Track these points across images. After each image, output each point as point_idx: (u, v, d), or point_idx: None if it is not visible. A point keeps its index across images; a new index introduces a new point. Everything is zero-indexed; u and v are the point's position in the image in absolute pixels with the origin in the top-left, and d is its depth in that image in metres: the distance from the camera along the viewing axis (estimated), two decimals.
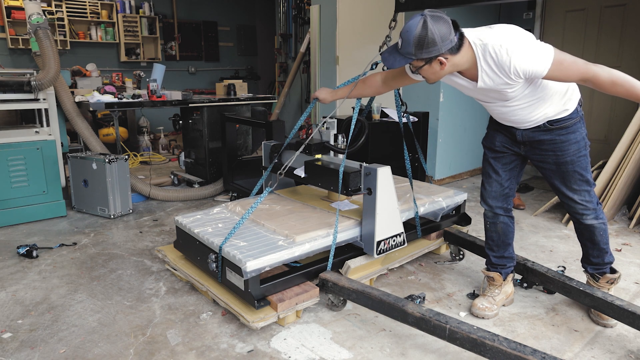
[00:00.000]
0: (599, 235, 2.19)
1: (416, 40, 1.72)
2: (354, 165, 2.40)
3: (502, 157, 2.22)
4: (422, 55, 1.75)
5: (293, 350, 1.98)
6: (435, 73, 1.84)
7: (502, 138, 2.18)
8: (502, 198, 2.26)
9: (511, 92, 1.88)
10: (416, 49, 1.74)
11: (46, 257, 2.96)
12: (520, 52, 1.73)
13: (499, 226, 2.29)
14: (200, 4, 8.79)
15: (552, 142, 2.04)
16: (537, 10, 5.08)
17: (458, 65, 1.83)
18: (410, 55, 1.77)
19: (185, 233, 2.51)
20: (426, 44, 1.72)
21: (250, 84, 8.09)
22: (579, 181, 2.08)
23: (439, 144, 4.73)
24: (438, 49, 1.73)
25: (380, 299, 2.05)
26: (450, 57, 1.78)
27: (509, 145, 2.18)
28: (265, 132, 3.73)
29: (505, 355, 1.69)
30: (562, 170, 2.08)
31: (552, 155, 2.07)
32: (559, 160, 2.06)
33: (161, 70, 4.93)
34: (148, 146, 6.47)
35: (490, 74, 1.81)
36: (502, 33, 1.79)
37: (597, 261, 2.26)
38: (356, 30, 5.41)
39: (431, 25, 1.70)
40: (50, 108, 3.84)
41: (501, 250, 2.33)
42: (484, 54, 1.78)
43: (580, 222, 2.18)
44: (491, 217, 2.30)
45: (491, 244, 2.34)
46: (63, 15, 7.06)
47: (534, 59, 1.73)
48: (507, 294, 2.34)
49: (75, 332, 2.12)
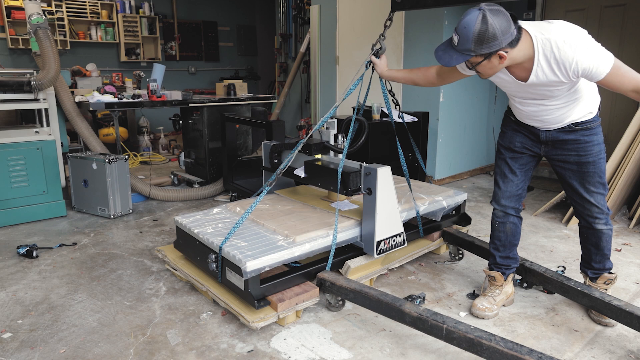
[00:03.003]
0: (605, 242, 2.18)
1: (476, 36, 1.68)
2: (353, 165, 2.40)
3: (520, 158, 2.21)
4: (482, 50, 1.71)
5: (293, 350, 1.98)
6: (493, 68, 1.81)
7: (522, 138, 2.17)
8: (515, 198, 2.26)
9: (557, 91, 1.85)
10: (476, 45, 1.70)
11: (46, 257, 2.96)
12: (585, 50, 1.70)
13: (508, 226, 2.28)
14: (200, 4, 8.79)
15: (575, 142, 2.03)
16: (537, 10, 5.08)
17: (515, 59, 1.79)
18: (469, 52, 1.73)
19: (185, 233, 2.51)
20: (487, 38, 1.67)
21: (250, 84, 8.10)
22: (597, 183, 2.08)
23: (439, 144, 4.73)
24: (499, 43, 1.69)
25: (378, 299, 2.05)
26: (510, 51, 1.74)
27: (528, 146, 2.17)
28: (265, 132, 3.73)
29: (502, 355, 1.69)
30: (583, 170, 2.06)
31: (575, 155, 2.05)
32: (581, 160, 2.05)
33: (161, 70, 4.93)
34: (148, 146, 6.47)
35: (545, 70, 1.78)
36: (565, 29, 1.75)
37: (598, 266, 2.26)
38: (356, 30, 5.41)
39: (491, 19, 1.66)
40: (50, 108, 3.84)
41: (507, 251, 2.32)
42: (544, 49, 1.74)
43: (590, 227, 2.17)
44: (501, 217, 2.29)
45: (497, 244, 2.33)
46: (63, 15, 7.06)
47: (596, 60, 1.69)
48: (508, 294, 2.34)
49: (75, 332, 2.12)
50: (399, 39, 4.85)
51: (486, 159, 5.46)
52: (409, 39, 4.80)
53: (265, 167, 3.00)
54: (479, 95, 5.09)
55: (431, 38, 4.57)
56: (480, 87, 5.06)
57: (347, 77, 5.66)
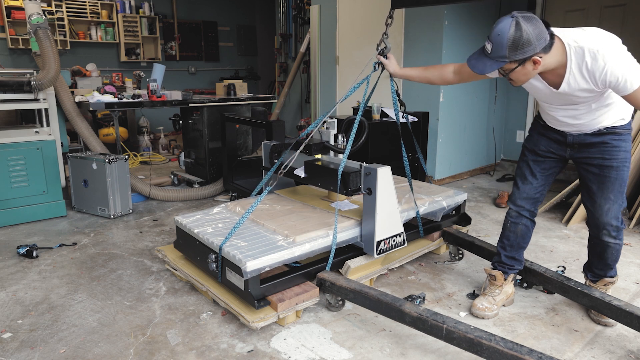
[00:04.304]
0: (609, 254, 2.16)
1: (510, 42, 1.68)
2: (354, 165, 2.40)
3: (544, 162, 2.19)
4: (516, 57, 1.71)
5: (293, 350, 1.98)
6: (527, 74, 1.80)
7: (548, 142, 2.15)
8: (532, 201, 2.24)
9: (588, 98, 1.84)
10: (510, 51, 1.70)
11: (46, 257, 2.96)
12: (617, 62, 1.69)
13: (519, 227, 2.27)
14: (200, 4, 8.79)
15: (602, 145, 2.00)
16: (537, 10, 5.08)
17: (547, 66, 1.78)
18: (503, 59, 1.73)
19: (185, 233, 2.51)
20: (521, 44, 1.68)
21: (250, 84, 8.10)
22: (617, 192, 2.03)
23: (439, 144, 4.73)
24: (533, 48, 1.69)
25: (378, 299, 2.05)
26: (544, 56, 1.74)
27: (554, 149, 2.14)
28: (265, 132, 3.73)
29: (502, 355, 1.69)
30: (605, 175, 2.02)
31: (599, 158, 2.02)
32: (604, 164, 2.01)
33: (161, 70, 4.92)
34: (148, 146, 6.47)
35: (577, 78, 1.77)
36: (599, 37, 1.75)
37: (600, 273, 2.26)
38: (356, 30, 5.41)
39: (524, 26, 1.67)
40: (50, 108, 3.84)
41: (514, 252, 2.32)
42: (577, 57, 1.74)
43: (598, 237, 2.15)
44: (515, 217, 2.28)
45: (505, 243, 2.33)
46: (63, 15, 7.06)
47: (627, 73, 1.68)
48: (508, 294, 2.34)
49: (75, 332, 2.12)
50: (399, 39, 4.85)
51: (486, 159, 5.47)
52: (409, 39, 4.80)
53: (265, 167, 3.00)
54: (479, 95, 5.09)
55: (431, 38, 4.57)
56: (480, 87, 5.06)
57: (347, 77, 5.66)
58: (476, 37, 4.81)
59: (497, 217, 3.81)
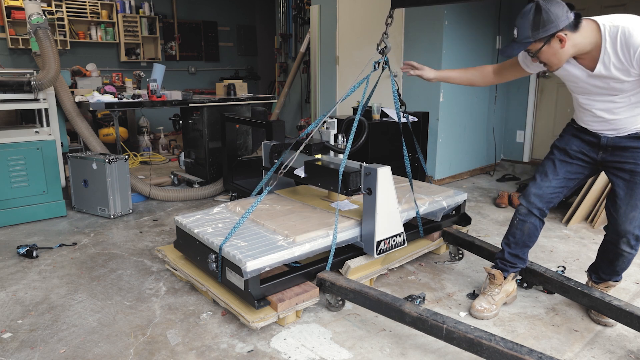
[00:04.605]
0: (621, 262, 2.14)
1: (531, 22, 1.77)
2: (354, 165, 2.40)
3: (571, 165, 2.14)
4: (539, 35, 1.77)
5: (293, 350, 1.98)
6: (556, 53, 1.82)
7: (581, 143, 2.11)
8: (546, 201, 2.18)
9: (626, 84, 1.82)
10: (533, 31, 1.77)
11: (46, 257, 2.96)
12: None
13: (527, 225, 2.22)
14: (200, 4, 8.79)
15: (636, 150, 1.96)
16: None
17: (578, 46, 1.81)
18: (528, 39, 1.80)
19: (185, 233, 2.51)
20: (542, 23, 1.75)
21: (250, 84, 8.10)
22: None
23: (439, 144, 4.73)
24: (555, 25, 1.75)
25: (378, 299, 2.05)
26: (570, 35, 1.78)
27: (586, 151, 2.10)
28: (265, 132, 3.73)
29: (502, 355, 1.69)
30: (635, 181, 1.98)
31: (632, 164, 1.98)
32: (636, 170, 1.97)
33: (161, 70, 4.92)
34: (148, 146, 6.47)
35: (612, 57, 1.78)
36: (634, 18, 1.77)
37: (605, 277, 2.25)
38: (356, 30, 5.41)
39: (544, 6, 1.75)
40: (50, 108, 3.84)
41: (518, 250, 2.28)
42: (611, 36, 1.76)
43: (615, 244, 2.10)
44: (524, 215, 2.22)
45: (511, 240, 2.28)
46: (63, 15, 7.06)
47: None
48: (508, 292, 2.32)
49: (75, 332, 2.12)
50: (399, 39, 4.85)
51: (486, 159, 5.47)
52: (409, 39, 4.79)
53: (265, 167, 3.00)
54: (479, 95, 5.09)
55: (431, 38, 4.57)
56: (480, 87, 5.06)
57: (347, 77, 5.66)
58: (476, 37, 4.81)
59: (497, 217, 3.81)
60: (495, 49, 5.08)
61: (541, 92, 5.29)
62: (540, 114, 5.34)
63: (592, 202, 3.63)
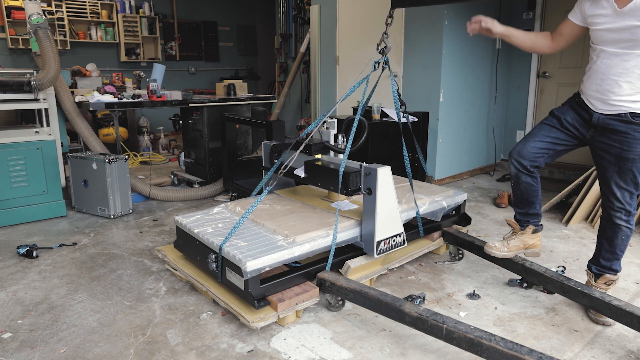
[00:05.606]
0: (620, 239, 2.21)
1: None
2: (354, 165, 2.40)
3: (561, 132, 2.22)
4: None
5: (293, 350, 1.98)
6: None
7: (576, 116, 2.19)
8: (530, 159, 2.25)
9: None
10: None
11: (46, 257, 2.96)
12: None
13: (522, 185, 2.33)
14: (200, 4, 8.79)
15: (623, 135, 2.04)
16: (537, 10, 5.08)
17: None
18: None
19: (185, 233, 2.51)
20: None
21: (250, 84, 8.10)
22: (629, 181, 2.10)
23: (439, 144, 4.73)
24: None
25: (378, 299, 2.05)
26: None
27: (578, 126, 2.18)
28: (265, 132, 3.73)
29: (502, 355, 1.69)
30: (620, 165, 2.08)
31: (617, 148, 2.07)
32: (621, 155, 2.06)
33: (161, 70, 4.93)
34: (148, 146, 6.47)
35: None
36: None
37: (606, 264, 2.27)
38: (356, 30, 5.41)
39: None
40: (50, 108, 3.84)
41: (525, 207, 2.39)
42: None
43: (609, 220, 2.21)
44: (514, 176, 2.33)
45: (516, 200, 2.41)
46: (63, 15, 7.06)
47: None
48: (527, 244, 2.39)
49: (75, 332, 2.12)
50: (399, 39, 4.85)
51: (486, 159, 5.47)
52: (409, 39, 4.79)
53: (265, 167, 3.00)
54: (479, 95, 5.09)
55: (431, 38, 4.57)
56: (480, 87, 5.06)
57: (347, 77, 5.66)
58: (476, 37, 4.80)
59: (497, 217, 3.81)
60: (496, 49, 5.08)
61: (541, 92, 5.29)
62: (540, 114, 5.33)
63: (592, 202, 3.63)
